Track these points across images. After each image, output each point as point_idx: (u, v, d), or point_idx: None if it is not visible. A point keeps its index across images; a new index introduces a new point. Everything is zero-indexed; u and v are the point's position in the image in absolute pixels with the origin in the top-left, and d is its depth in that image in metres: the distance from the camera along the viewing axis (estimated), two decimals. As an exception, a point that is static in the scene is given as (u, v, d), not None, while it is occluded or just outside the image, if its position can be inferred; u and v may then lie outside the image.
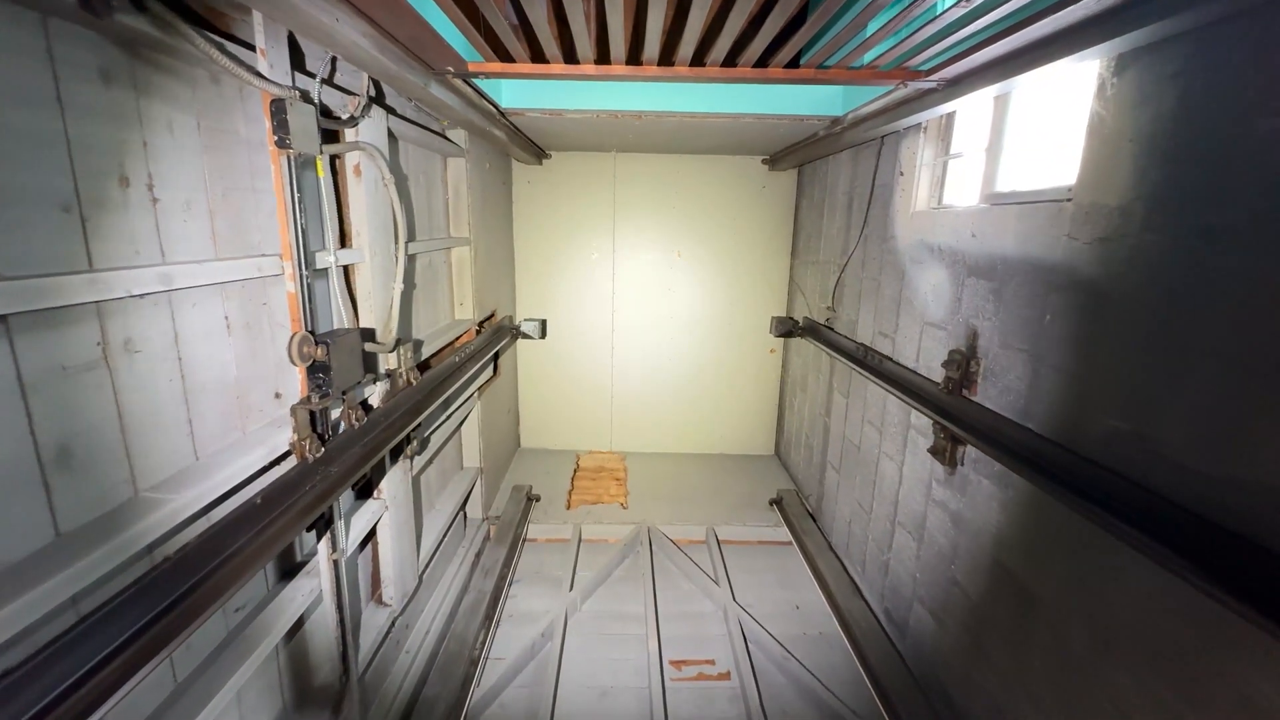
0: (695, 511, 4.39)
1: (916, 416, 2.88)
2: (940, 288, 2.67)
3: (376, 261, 2.28)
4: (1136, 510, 1.57)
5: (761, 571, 3.87)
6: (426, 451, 3.01)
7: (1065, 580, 1.90)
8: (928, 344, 2.77)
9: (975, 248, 2.41)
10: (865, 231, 3.53)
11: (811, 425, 4.53)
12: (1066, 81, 2.02)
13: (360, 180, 2.14)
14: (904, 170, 3.06)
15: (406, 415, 2.38)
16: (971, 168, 2.64)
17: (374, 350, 2.05)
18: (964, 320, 2.49)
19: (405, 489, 2.63)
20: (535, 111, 3.21)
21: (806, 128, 3.45)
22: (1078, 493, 1.74)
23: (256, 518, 1.46)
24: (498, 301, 4.42)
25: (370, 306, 2.26)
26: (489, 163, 4.07)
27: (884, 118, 2.82)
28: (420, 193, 3.10)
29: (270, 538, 1.50)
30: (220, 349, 1.62)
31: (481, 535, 3.99)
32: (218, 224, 1.59)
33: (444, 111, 2.62)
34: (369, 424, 2.05)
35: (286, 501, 1.57)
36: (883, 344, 3.25)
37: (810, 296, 4.61)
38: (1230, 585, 1.27)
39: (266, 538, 1.48)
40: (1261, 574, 1.25)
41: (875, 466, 3.33)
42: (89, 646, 1.05)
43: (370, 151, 2.13)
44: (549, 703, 2.70)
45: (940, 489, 2.64)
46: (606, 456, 5.45)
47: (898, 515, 3.05)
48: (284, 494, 1.57)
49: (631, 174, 4.98)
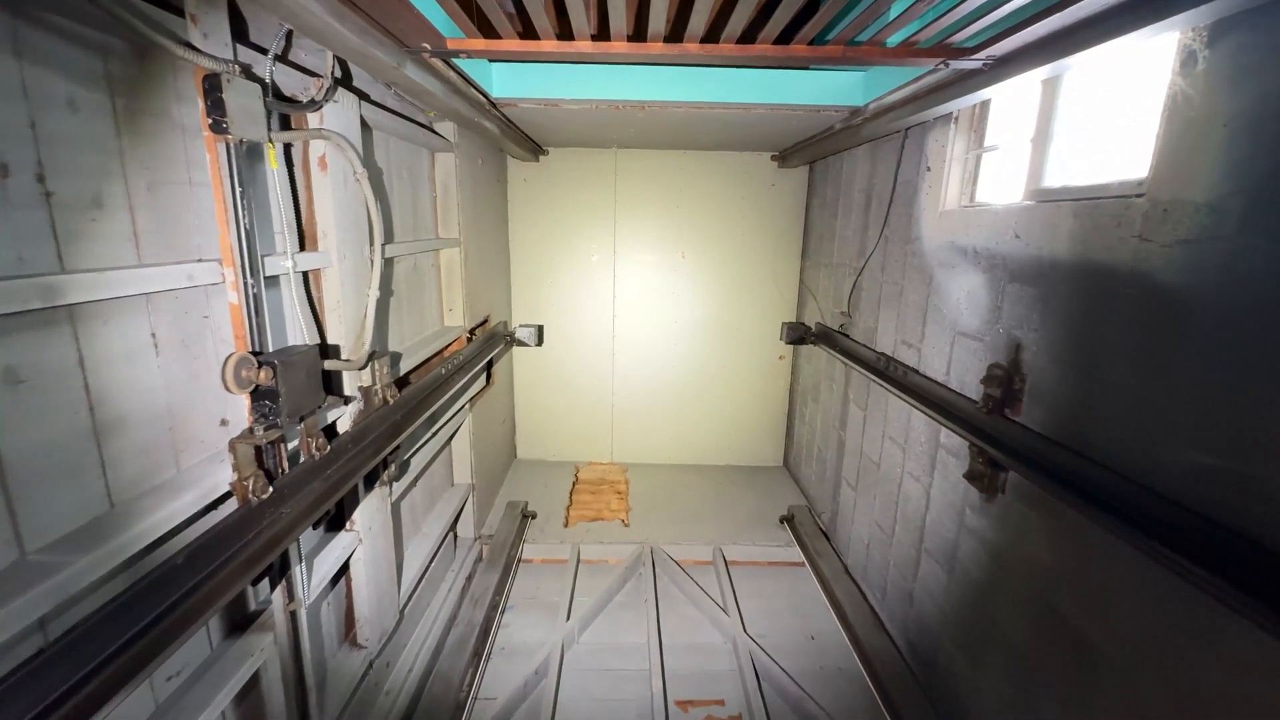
0: (701, 529, 4.13)
1: (946, 435, 2.62)
2: (975, 294, 2.41)
3: (347, 266, 2.02)
4: (1237, 565, 1.31)
5: (772, 596, 3.61)
6: (408, 474, 2.76)
7: (1136, 634, 1.64)
8: (961, 356, 2.51)
9: (1019, 250, 2.15)
10: (886, 232, 3.27)
11: (824, 438, 4.27)
12: (1135, 56, 1.76)
13: (327, 174, 1.89)
14: (931, 165, 2.80)
15: (382, 438, 2.13)
16: (1012, 161, 2.38)
17: (338, 368, 1.79)
18: (1004, 331, 2.22)
19: (383, 518, 2.37)
20: (529, 102, 2.95)
21: (823, 119, 3.19)
22: (1155, 537, 1.48)
23: (179, 579, 1.21)
24: (491, 306, 4.17)
25: (340, 317, 2.00)
26: (481, 159, 3.81)
27: (912, 107, 2.55)
28: (404, 190, 2.85)
29: (201, 600, 1.24)
30: (146, 372, 1.36)
31: (473, 557, 3.73)
32: (142, 223, 1.33)
33: (426, 100, 2.37)
34: (334, 452, 1.79)
35: (222, 555, 1.31)
36: (906, 354, 2.99)
37: (823, 301, 4.35)
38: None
39: (194, 602, 1.23)
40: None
41: (898, 487, 3.07)
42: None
43: (338, 141, 1.87)
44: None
45: (975, 517, 2.38)
46: (607, 468, 5.19)
47: (924, 542, 2.78)
48: (219, 546, 1.31)
49: (633, 171, 4.72)
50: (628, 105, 2.99)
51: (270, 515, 1.47)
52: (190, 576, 1.22)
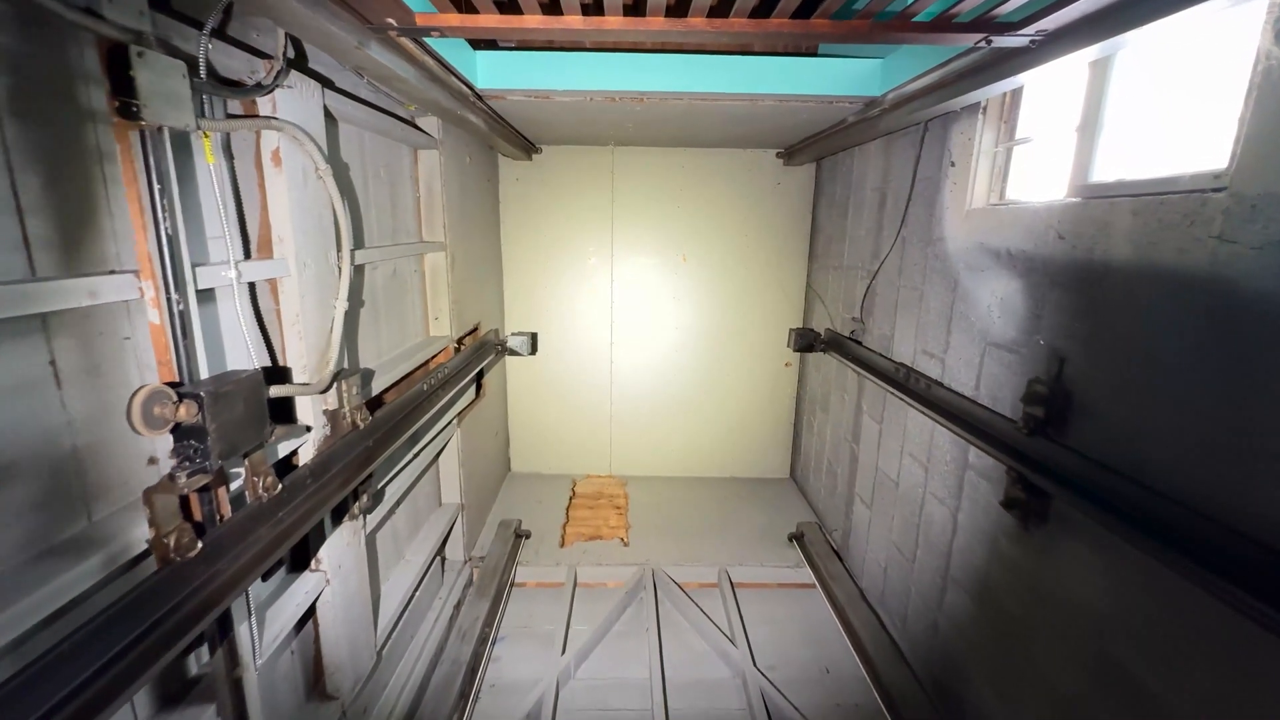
0: (705, 548, 3.89)
1: (976, 455, 2.38)
2: (1010, 301, 2.18)
3: (308, 275, 1.79)
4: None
5: (783, 622, 3.38)
6: (388, 500, 2.52)
7: (1209, 689, 1.41)
8: (993, 369, 2.28)
9: (1063, 253, 1.92)
10: (903, 233, 3.04)
11: (835, 450, 4.04)
12: (1210, 28, 1.53)
13: (281, 170, 1.65)
14: (956, 160, 2.57)
15: (351, 468, 1.89)
16: (1050, 154, 2.15)
17: (291, 393, 1.55)
18: (1046, 342, 1.99)
19: (355, 553, 2.13)
20: (518, 93, 2.72)
21: (835, 112, 2.96)
22: (1241, 584, 1.25)
23: (82, 660, 0.97)
24: (481, 314, 3.93)
25: (300, 333, 1.76)
26: (469, 156, 3.58)
27: (937, 95, 2.33)
28: (381, 190, 2.61)
29: (106, 687, 1.01)
30: (43, 409, 1.13)
31: (463, 581, 3.49)
32: (35, 228, 1.10)
33: (399, 88, 2.13)
34: (288, 490, 1.55)
35: (135, 629, 1.07)
36: (928, 365, 2.76)
37: (832, 306, 4.12)
38: None
39: (98, 689, 0.99)
40: None
41: (919, 508, 2.83)
42: None
43: (293, 133, 1.64)
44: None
45: (1012, 547, 2.14)
46: (605, 481, 4.95)
47: (950, 569, 2.55)
48: (130, 617, 1.07)
49: (632, 170, 4.49)
50: (625, 97, 2.76)
51: (201, 575, 1.23)
52: (92, 658, 0.99)
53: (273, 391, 1.41)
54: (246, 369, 1.30)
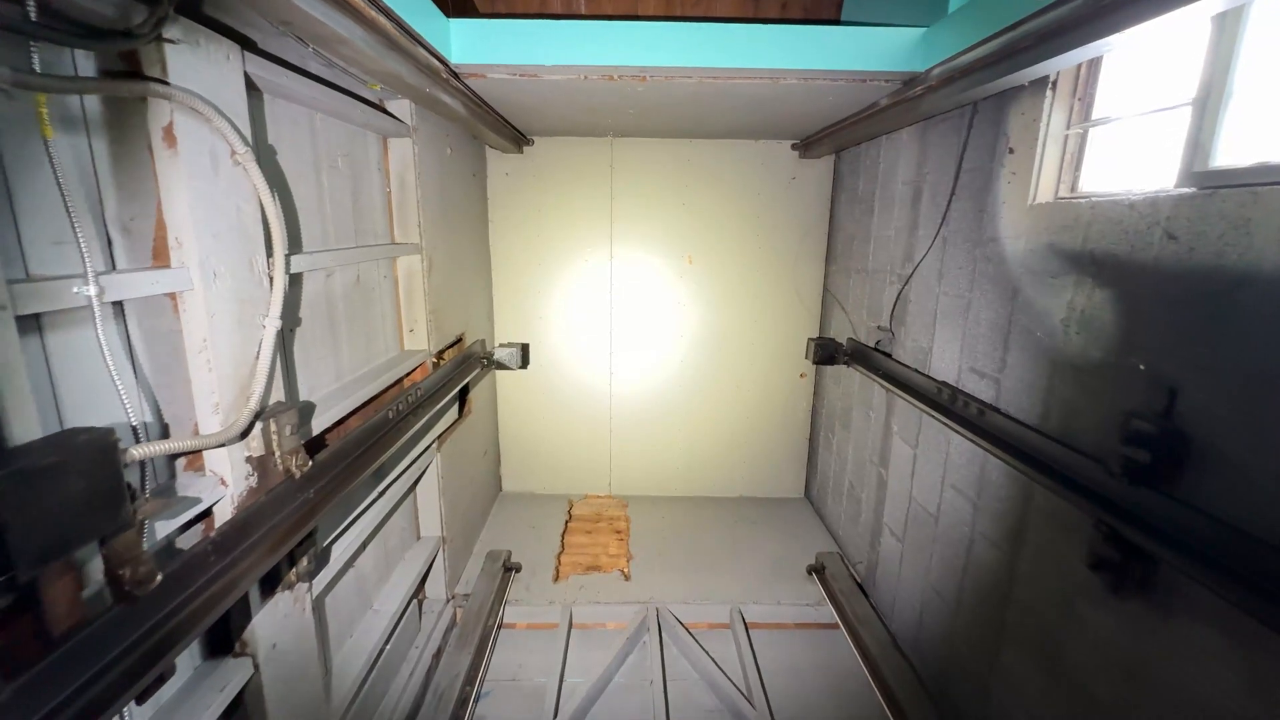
0: (715, 583, 3.51)
1: (1045, 496, 2.00)
2: (1093, 315, 1.79)
3: (221, 288, 1.40)
4: None
5: (804, 671, 2.99)
6: (347, 549, 2.13)
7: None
8: (1067, 396, 1.89)
9: (1174, 256, 1.53)
10: (944, 232, 2.65)
11: (858, 473, 3.65)
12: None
13: (176, 153, 1.27)
14: (1015, 146, 2.18)
15: (283, 527, 1.51)
16: (1150, 136, 1.76)
17: (169, 452, 1.16)
18: (1148, 367, 1.61)
19: (297, 625, 1.75)
20: (501, 70, 2.33)
21: (867, 92, 2.57)
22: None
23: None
24: (466, 323, 3.54)
25: (208, 362, 1.38)
26: (450, 148, 3.19)
27: (1001, 67, 1.93)
28: (339, 182, 2.23)
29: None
30: None
31: (444, 623, 3.11)
32: None
33: (347, 55, 1.75)
34: (178, 575, 1.17)
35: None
36: (977, 385, 2.37)
37: (854, 313, 3.73)
38: None
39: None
40: None
41: (965, 549, 2.45)
42: None
43: (192, 103, 1.25)
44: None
45: (1099, 614, 1.76)
46: (605, 502, 4.56)
47: (1007, 626, 2.17)
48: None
49: (632, 164, 4.10)
50: (625, 75, 2.37)
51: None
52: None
53: (135, 454, 1.02)
54: (81, 429, 0.92)
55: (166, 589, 1.15)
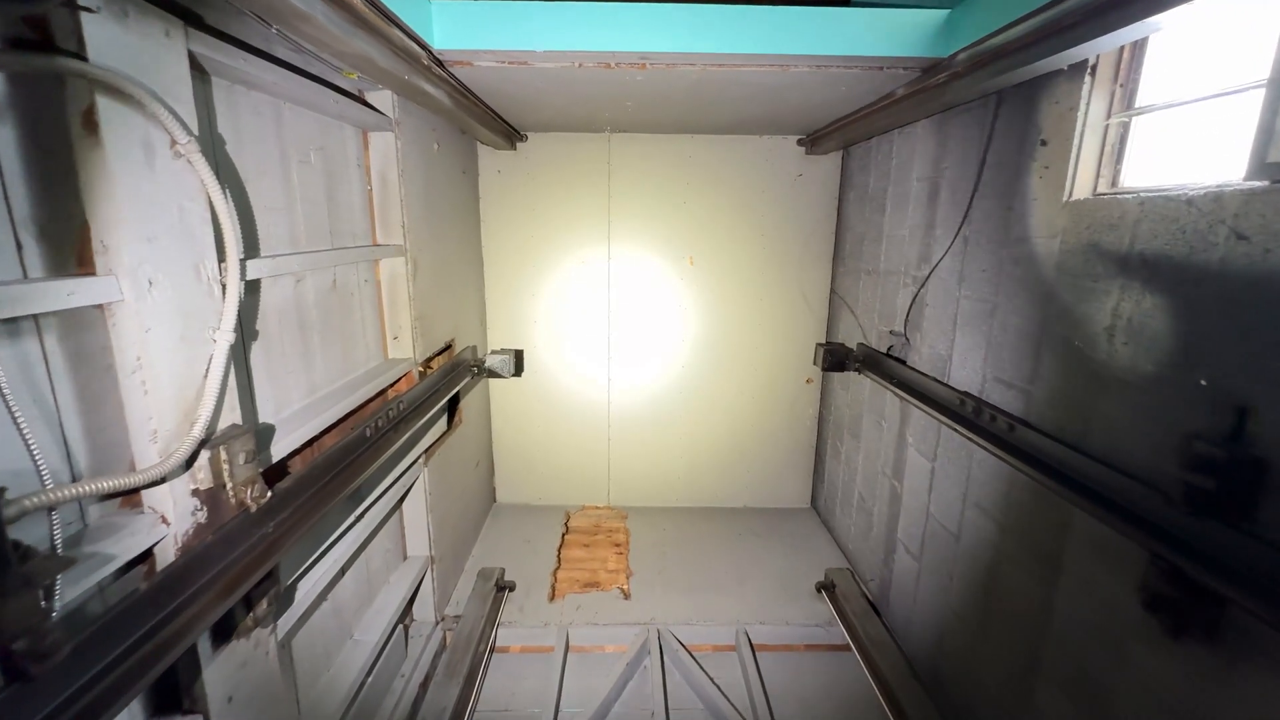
0: (720, 602, 3.33)
1: (1085, 520, 1.82)
2: (1144, 324, 1.61)
3: (159, 298, 1.22)
4: None
5: (815, 700, 2.82)
6: (319, 581, 1.95)
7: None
8: (1113, 414, 1.72)
9: (1245, 258, 1.35)
10: (965, 231, 2.48)
11: (868, 484, 3.47)
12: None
13: (99, 142, 1.08)
14: (1049, 138, 2.00)
15: (237, 568, 1.33)
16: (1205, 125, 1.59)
17: (62, 501, 0.97)
18: (1212, 383, 1.43)
19: (258, 674, 1.56)
20: (488, 56, 2.15)
21: (883, 81, 2.39)
22: None
23: None
24: (456, 329, 3.36)
25: (143, 384, 1.19)
26: (438, 143, 3.01)
27: (1036, 50, 1.76)
28: (312, 179, 2.04)
29: None
30: None
31: (433, 648, 2.93)
32: None
33: (309, 33, 1.56)
34: (91, 643, 0.99)
35: None
36: (1004, 397, 2.20)
37: (864, 316, 3.55)
38: None
39: None
40: None
41: (993, 574, 2.27)
42: None
43: (119, 83, 1.07)
44: None
45: (1156, 660, 1.58)
46: (603, 513, 4.38)
47: (1043, 660, 1.99)
48: None
49: (630, 160, 3.92)
50: (623, 61, 2.19)
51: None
52: None
53: (29, 503, 0.84)
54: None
55: (81, 658, 0.97)
